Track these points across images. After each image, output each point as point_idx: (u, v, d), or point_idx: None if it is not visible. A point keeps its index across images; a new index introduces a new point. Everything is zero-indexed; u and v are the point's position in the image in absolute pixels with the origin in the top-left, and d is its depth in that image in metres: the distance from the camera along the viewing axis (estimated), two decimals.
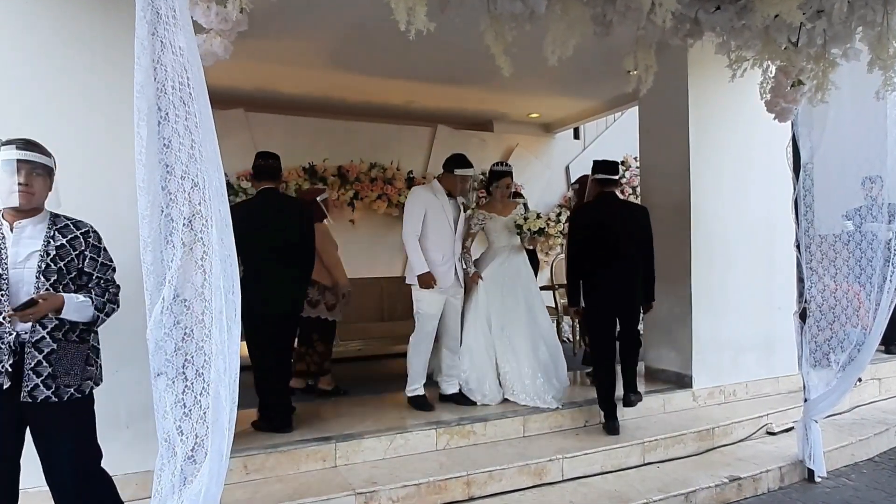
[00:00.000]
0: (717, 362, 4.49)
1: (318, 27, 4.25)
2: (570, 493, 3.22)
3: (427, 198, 3.96)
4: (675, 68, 4.47)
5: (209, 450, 1.75)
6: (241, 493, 2.93)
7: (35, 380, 2.01)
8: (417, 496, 3.04)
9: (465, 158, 4.08)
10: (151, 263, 1.87)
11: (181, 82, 1.71)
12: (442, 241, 3.93)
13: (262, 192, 3.65)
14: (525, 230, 4.11)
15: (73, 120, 2.77)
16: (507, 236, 4.24)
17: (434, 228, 3.92)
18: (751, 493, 3.46)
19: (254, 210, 3.58)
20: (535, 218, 4.12)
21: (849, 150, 3.71)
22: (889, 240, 3.50)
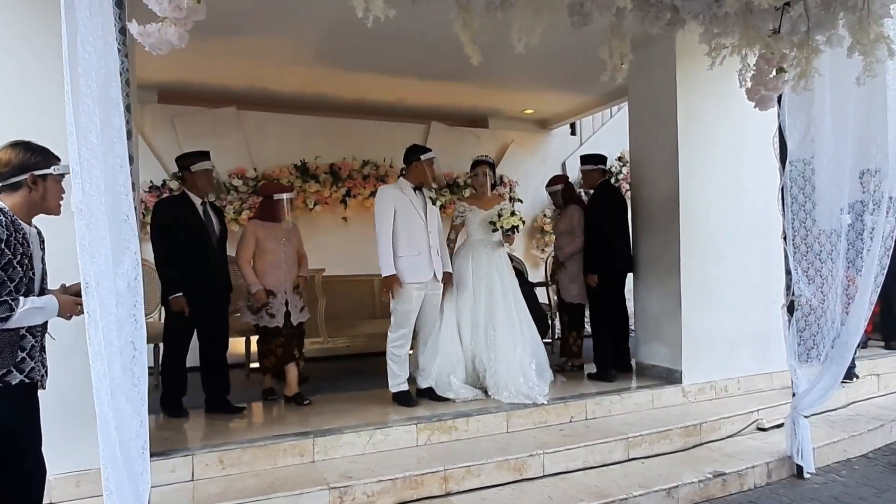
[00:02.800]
0: (709, 358, 4.43)
1: (300, 23, 4.24)
2: (550, 489, 3.18)
3: (395, 195, 3.94)
4: (664, 60, 4.43)
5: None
6: (215, 488, 2.91)
7: (42, 370, 2.15)
8: (393, 491, 3.02)
9: (423, 147, 4.19)
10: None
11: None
12: (415, 236, 3.91)
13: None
14: (498, 226, 4.09)
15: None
16: (484, 230, 4.22)
17: (405, 225, 3.90)
18: (736, 489, 3.40)
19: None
20: (510, 215, 4.09)
21: (848, 142, 3.64)
22: (885, 233, 3.42)
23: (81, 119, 1.90)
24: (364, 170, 6.37)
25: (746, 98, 3.13)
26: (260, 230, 4.03)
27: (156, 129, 5.78)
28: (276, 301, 3.98)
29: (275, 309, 3.98)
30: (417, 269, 3.88)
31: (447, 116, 7.01)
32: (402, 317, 3.90)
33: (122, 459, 1.95)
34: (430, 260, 3.92)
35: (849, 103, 3.42)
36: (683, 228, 4.33)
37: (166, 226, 3.69)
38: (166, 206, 3.87)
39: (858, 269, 3.42)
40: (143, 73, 5.36)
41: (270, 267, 4.00)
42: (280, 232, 4.08)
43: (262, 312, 3.98)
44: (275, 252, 4.02)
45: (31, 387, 2.08)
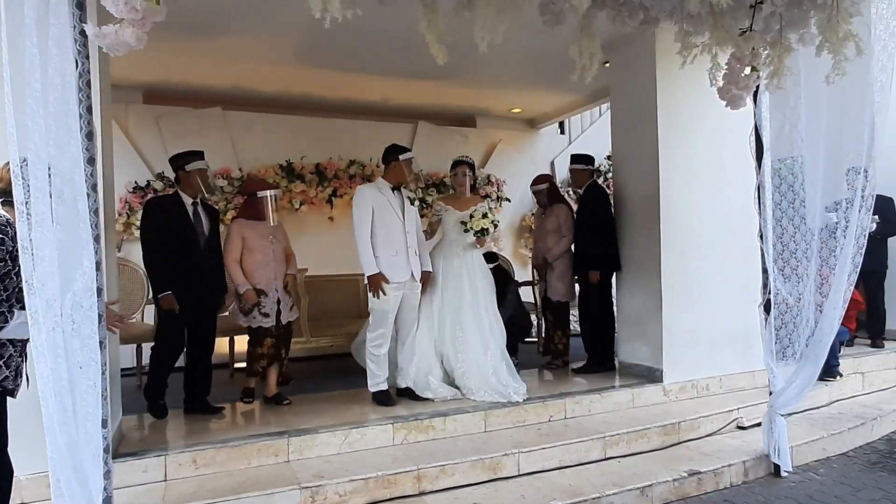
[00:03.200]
0: (690, 356, 4.43)
1: (278, 23, 4.24)
2: (524, 488, 3.18)
3: (373, 195, 3.94)
4: (644, 59, 4.43)
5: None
6: (187, 488, 2.92)
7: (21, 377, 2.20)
8: (365, 490, 3.02)
9: (401, 146, 4.14)
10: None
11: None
12: (393, 236, 3.91)
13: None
14: (469, 228, 4.10)
15: None
16: (458, 231, 4.22)
17: (383, 224, 3.90)
18: (712, 488, 3.40)
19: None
20: (482, 217, 4.09)
21: (833, 140, 3.63)
22: (857, 232, 3.41)
23: (24, 121, 1.90)
24: (350, 169, 6.37)
25: (718, 97, 3.14)
26: (246, 229, 3.96)
27: (140, 130, 5.78)
28: (269, 300, 3.92)
29: (268, 308, 3.92)
30: (395, 269, 3.88)
31: (434, 116, 7.00)
32: (379, 316, 3.90)
33: (70, 461, 1.95)
34: (408, 260, 3.92)
35: (823, 100, 3.42)
36: (664, 227, 4.33)
37: (154, 225, 3.68)
38: (155, 205, 3.84)
39: (832, 267, 3.41)
40: (128, 73, 5.38)
41: (259, 266, 3.94)
42: (266, 230, 4.01)
43: (254, 312, 3.90)
44: (263, 250, 3.95)
45: (1, 395, 2.10)
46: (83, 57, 2.15)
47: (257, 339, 3.94)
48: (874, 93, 3.11)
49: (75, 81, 2.10)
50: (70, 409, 1.97)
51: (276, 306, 3.93)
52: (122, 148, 5.62)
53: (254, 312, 3.90)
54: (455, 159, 4.41)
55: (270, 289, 3.92)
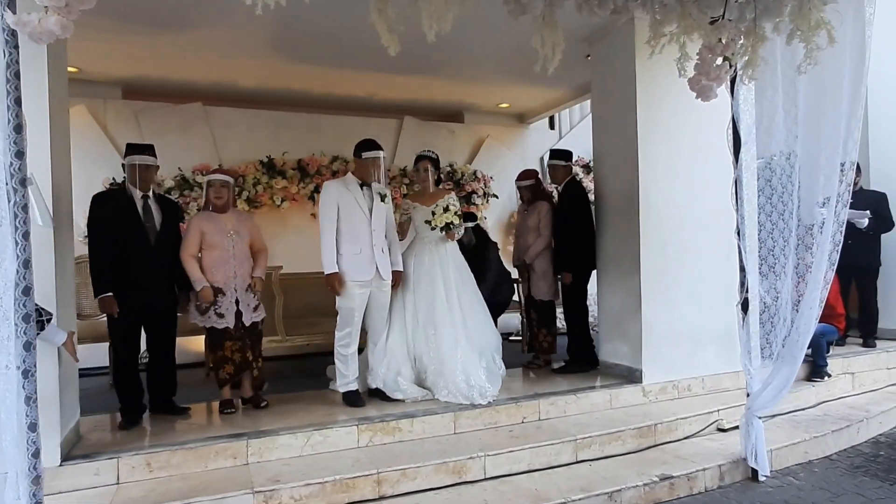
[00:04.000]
0: (671, 356, 4.32)
1: (247, 15, 4.13)
2: (488, 492, 3.09)
3: (338, 191, 3.85)
4: (623, 52, 4.32)
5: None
6: (137, 492, 2.84)
7: None
8: (322, 495, 2.93)
9: (371, 142, 3.95)
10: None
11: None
12: (357, 233, 3.82)
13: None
14: (434, 225, 4.00)
15: None
16: (427, 227, 4.12)
17: (348, 221, 3.81)
18: (685, 493, 3.30)
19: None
20: (443, 212, 4.00)
21: (812, 134, 3.51)
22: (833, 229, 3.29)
23: None
24: (333, 165, 6.29)
25: (689, 88, 3.03)
26: (205, 223, 3.76)
27: (119, 126, 5.72)
28: (225, 299, 3.74)
29: (223, 308, 3.73)
30: (358, 267, 3.79)
31: (421, 111, 6.92)
32: (346, 314, 3.83)
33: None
34: (373, 258, 3.82)
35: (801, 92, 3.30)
36: (643, 223, 4.22)
37: (98, 220, 3.51)
38: (100, 199, 3.61)
39: (808, 264, 3.30)
40: (106, 68, 5.33)
41: (218, 262, 3.74)
42: (228, 223, 3.79)
43: (209, 312, 3.73)
44: (222, 246, 3.75)
45: None
46: (11, 47, 2.06)
47: (216, 342, 3.78)
48: (849, 83, 2.97)
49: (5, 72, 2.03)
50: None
51: (233, 306, 3.75)
52: (100, 143, 5.57)
53: (209, 312, 3.73)
54: (417, 154, 4.30)
55: (229, 288, 3.74)
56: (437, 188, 4.30)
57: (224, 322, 3.74)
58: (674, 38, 2.89)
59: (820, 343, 4.79)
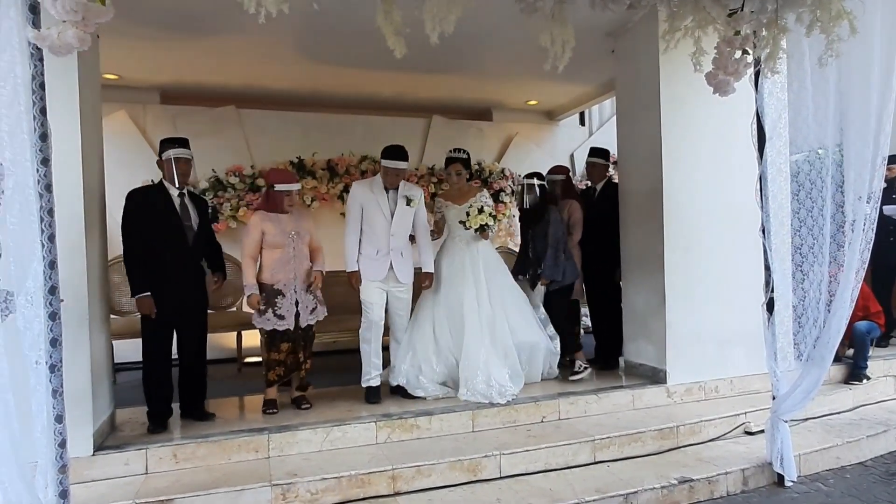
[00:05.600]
0: (697, 357, 4.22)
1: (276, 20, 4.24)
2: (502, 491, 3.10)
3: (363, 193, 3.92)
4: (646, 47, 4.23)
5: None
6: (163, 481, 2.97)
7: None
8: (338, 489, 3.00)
9: (394, 150, 3.90)
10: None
11: None
12: (376, 236, 3.87)
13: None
14: (468, 227, 4.00)
15: None
16: (460, 226, 4.13)
17: (369, 223, 3.88)
18: (705, 497, 3.23)
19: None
20: (478, 213, 3.98)
21: (855, 129, 3.37)
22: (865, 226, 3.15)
23: None
24: (362, 165, 6.37)
25: (706, 83, 2.96)
26: (266, 223, 3.66)
27: (158, 130, 5.92)
28: (286, 301, 3.66)
29: (284, 310, 3.66)
30: (374, 269, 3.86)
31: (449, 110, 6.93)
32: (367, 308, 3.91)
33: (14, 458, 2.00)
34: (389, 262, 3.87)
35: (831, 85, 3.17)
36: (667, 221, 4.13)
37: (134, 218, 3.38)
38: (137, 196, 3.48)
39: (840, 263, 3.17)
40: (145, 75, 5.54)
41: (279, 263, 3.66)
42: (289, 224, 3.72)
43: (268, 314, 3.64)
44: (283, 246, 3.67)
45: None
46: (36, 60, 2.19)
47: (273, 343, 3.71)
48: (879, 76, 2.85)
49: (28, 84, 2.15)
50: (12, 407, 2.02)
51: (293, 308, 3.69)
52: (140, 147, 5.80)
53: (268, 314, 3.65)
54: (447, 156, 4.30)
55: (289, 289, 3.67)
56: (468, 186, 4.30)
57: (284, 324, 3.68)
58: (688, 31, 2.84)
59: (864, 342, 4.62)
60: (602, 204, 4.71)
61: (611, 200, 4.65)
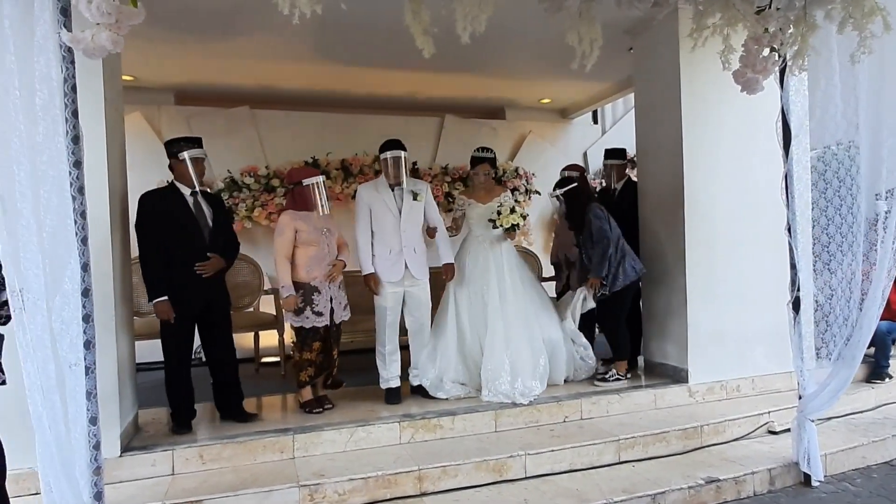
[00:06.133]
0: (719, 356, 4.20)
1: (289, 20, 4.23)
2: (528, 492, 3.09)
3: (368, 194, 3.92)
4: (667, 44, 4.21)
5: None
6: (191, 482, 2.97)
7: None
8: (365, 490, 3.00)
9: (390, 142, 3.92)
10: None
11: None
12: (387, 235, 3.87)
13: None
14: (498, 226, 3.98)
15: None
16: (483, 226, 4.12)
17: (378, 223, 3.88)
18: (732, 497, 3.21)
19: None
20: (509, 213, 3.96)
21: (873, 124, 3.35)
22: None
23: (3, 128, 1.94)
24: (376, 165, 6.34)
25: (734, 81, 2.94)
26: (298, 221, 3.62)
27: (172, 131, 5.91)
28: (322, 298, 3.64)
29: (321, 306, 3.64)
30: (388, 268, 3.86)
31: (462, 108, 6.92)
32: (380, 313, 3.91)
33: (59, 458, 2.01)
34: (402, 258, 3.86)
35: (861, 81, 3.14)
36: (688, 219, 4.11)
37: (149, 220, 3.34)
38: (149, 198, 3.44)
39: (872, 261, 3.15)
40: (159, 76, 5.55)
41: (315, 260, 3.64)
42: (320, 221, 3.71)
43: (306, 312, 3.61)
44: (318, 244, 3.65)
45: None
46: (67, 62, 2.19)
47: (305, 342, 3.67)
48: None
49: (60, 87, 2.15)
50: (59, 408, 2.03)
51: (328, 304, 3.68)
52: (155, 148, 5.79)
53: (306, 312, 3.61)
54: (474, 155, 4.27)
55: (324, 285, 3.66)
56: (493, 185, 4.28)
57: (322, 320, 3.66)
58: (717, 29, 2.81)
59: (885, 342, 4.58)
60: (622, 203, 4.70)
61: (631, 200, 4.63)
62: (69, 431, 2.07)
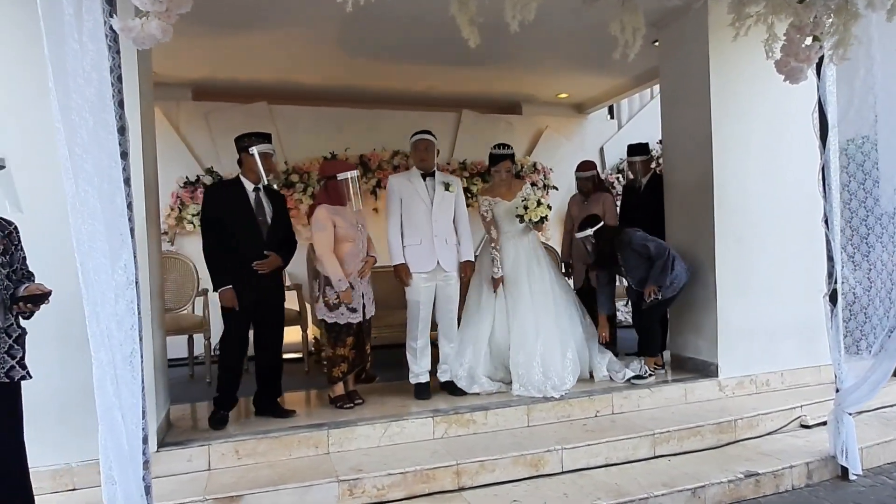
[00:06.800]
0: (748, 350, 4.17)
1: (316, 13, 4.22)
2: (567, 486, 3.07)
3: (400, 184, 3.90)
4: (695, 35, 4.17)
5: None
6: (228, 478, 2.95)
7: (10, 361, 2.10)
8: (404, 484, 2.98)
9: (420, 130, 4.00)
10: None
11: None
12: (418, 225, 3.84)
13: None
14: (526, 220, 3.95)
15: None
16: (511, 221, 4.09)
17: (409, 213, 3.86)
18: (771, 491, 3.19)
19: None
20: (536, 206, 3.93)
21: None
22: None
23: (71, 116, 1.94)
24: (394, 160, 6.34)
25: (776, 70, 2.90)
26: (336, 216, 3.57)
27: (190, 126, 5.93)
28: (356, 294, 3.63)
29: (355, 302, 3.62)
30: (419, 258, 3.83)
31: (479, 104, 6.89)
32: (412, 307, 3.88)
33: (128, 450, 2.00)
34: (433, 248, 3.83)
35: None
36: (718, 213, 4.08)
37: (211, 213, 3.40)
38: (213, 191, 3.56)
39: None
40: (177, 71, 5.52)
41: (350, 256, 3.61)
42: (352, 216, 3.67)
43: (341, 308, 3.58)
44: (354, 239, 3.62)
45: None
46: (113, 52, 2.16)
47: (339, 338, 3.64)
48: None
49: (109, 76, 2.13)
50: (117, 398, 2.03)
51: (361, 300, 3.67)
52: (173, 144, 5.78)
53: (341, 308, 3.59)
54: (493, 153, 4.22)
55: (357, 281, 3.64)
56: (513, 181, 4.26)
57: (357, 316, 3.64)
58: (760, 18, 2.78)
59: None
60: (649, 197, 4.67)
61: (657, 194, 4.61)
62: (126, 423, 2.05)
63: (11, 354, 2.09)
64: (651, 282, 4.03)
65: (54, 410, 2.79)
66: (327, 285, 3.62)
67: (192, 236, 5.64)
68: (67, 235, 2.00)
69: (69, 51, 1.98)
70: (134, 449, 2.10)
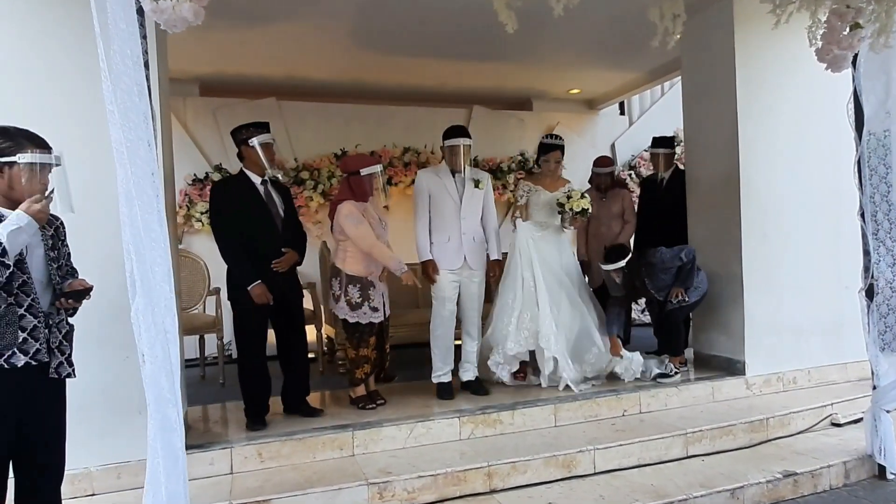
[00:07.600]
0: (775, 347, 4.09)
1: (328, 6, 4.12)
2: (601, 487, 2.98)
3: (429, 179, 3.81)
4: (720, 25, 4.10)
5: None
6: (253, 481, 2.85)
7: (60, 357, 2.00)
8: (434, 487, 2.88)
9: (454, 129, 3.82)
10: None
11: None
12: (446, 222, 3.76)
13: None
14: (567, 209, 3.87)
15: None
16: (547, 213, 4.03)
17: (437, 210, 3.77)
18: (809, 491, 3.11)
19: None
20: (580, 198, 3.86)
21: None
22: None
23: (121, 98, 1.85)
24: (405, 157, 6.24)
25: (817, 59, 2.82)
26: (364, 212, 3.49)
27: (198, 122, 5.82)
28: (377, 293, 3.53)
29: (377, 301, 3.52)
30: (446, 255, 3.75)
31: (490, 100, 6.80)
32: (437, 304, 3.80)
33: (181, 448, 1.95)
34: (461, 245, 3.75)
35: None
36: (744, 207, 4.01)
37: (224, 210, 3.28)
38: (220, 188, 3.44)
39: None
40: (185, 65, 5.39)
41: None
42: (376, 212, 3.61)
43: (364, 307, 3.48)
44: (379, 236, 3.51)
45: (40, 371, 1.93)
46: (140, 37, 2.06)
47: (362, 338, 3.52)
48: None
49: (142, 61, 2.03)
50: (172, 395, 1.98)
51: (382, 299, 3.58)
52: (181, 140, 5.65)
53: (364, 307, 3.48)
54: (546, 143, 4.16)
55: (377, 280, 3.56)
56: (559, 175, 4.19)
57: (379, 315, 3.54)
58: (803, 4, 2.71)
59: None
60: (670, 192, 4.59)
61: (679, 188, 4.53)
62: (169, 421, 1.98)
63: (61, 350, 2.00)
64: (678, 284, 3.95)
65: (73, 411, 2.66)
66: (349, 284, 3.50)
67: (201, 234, 5.54)
68: (94, 234, 1.91)
69: (114, 31, 1.89)
70: (175, 449, 2.02)
